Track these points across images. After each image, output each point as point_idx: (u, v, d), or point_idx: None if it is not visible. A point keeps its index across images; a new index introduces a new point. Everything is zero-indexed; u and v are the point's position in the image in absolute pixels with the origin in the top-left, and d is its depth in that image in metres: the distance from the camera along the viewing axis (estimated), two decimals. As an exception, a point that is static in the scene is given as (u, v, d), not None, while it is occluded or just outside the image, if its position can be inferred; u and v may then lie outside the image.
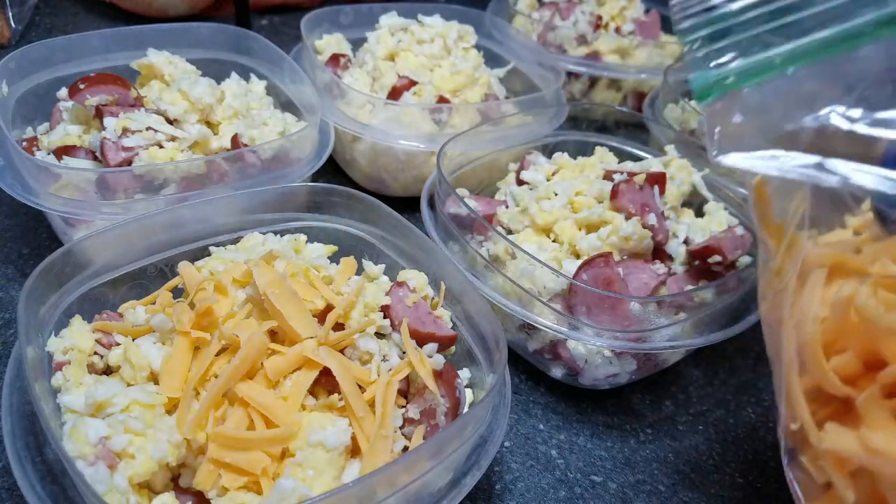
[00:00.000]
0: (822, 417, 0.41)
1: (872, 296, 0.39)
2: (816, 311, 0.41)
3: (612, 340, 0.60)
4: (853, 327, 0.40)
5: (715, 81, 0.45)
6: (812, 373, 0.41)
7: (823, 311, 0.41)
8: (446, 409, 0.50)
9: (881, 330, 0.38)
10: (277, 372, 0.48)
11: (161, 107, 0.71)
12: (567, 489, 0.60)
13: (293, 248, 0.60)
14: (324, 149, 0.77)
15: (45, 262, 0.51)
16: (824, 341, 0.41)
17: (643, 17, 1.16)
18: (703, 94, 0.46)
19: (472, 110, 0.86)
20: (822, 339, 0.41)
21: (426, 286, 0.58)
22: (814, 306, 0.41)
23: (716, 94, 0.45)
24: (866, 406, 0.39)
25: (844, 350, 0.41)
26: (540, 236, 0.70)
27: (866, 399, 0.39)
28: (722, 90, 0.45)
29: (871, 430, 0.38)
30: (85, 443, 0.42)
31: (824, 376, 0.40)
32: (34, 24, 1.14)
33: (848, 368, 0.41)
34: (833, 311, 0.41)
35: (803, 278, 0.43)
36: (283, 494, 0.42)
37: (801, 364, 0.42)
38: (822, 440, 0.40)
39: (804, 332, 0.41)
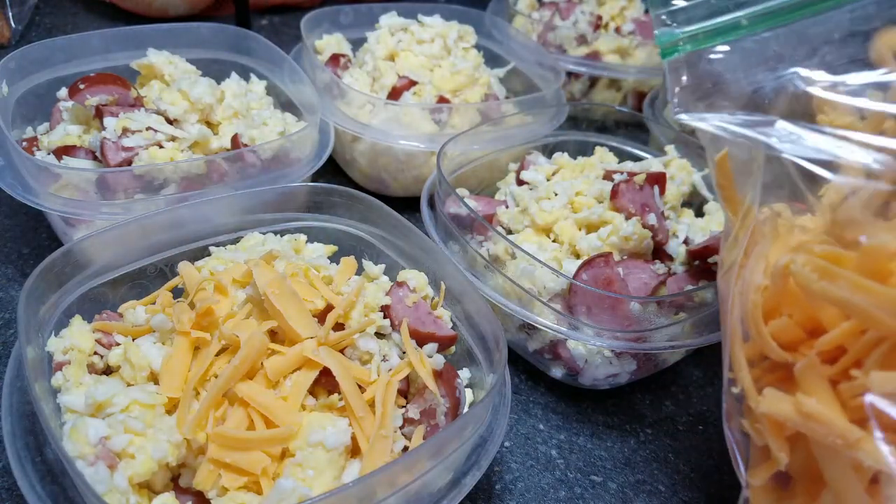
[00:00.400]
0: (765, 384, 0.42)
1: (808, 263, 0.39)
2: (758, 279, 0.42)
3: (612, 340, 0.60)
4: (793, 295, 0.41)
5: (680, 38, 0.46)
6: (754, 339, 0.42)
7: (765, 280, 0.42)
8: (446, 409, 0.50)
9: (815, 296, 0.39)
10: (277, 372, 0.48)
11: (161, 107, 0.71)
12: (567, 489, 0.60)
13: (293, 248, 0.60)
14: (324, 149, 0.77)
15: (45, 262, 0.51)
16: (765, 309, 0.42)
17: (643, 17, 1.16)
18: (669, 50, 0.47)
19: (472, 110, 0.86)
20: (763, 306, 0.42)
21: (426, 286, 0.58)
22: (756, 275, 0.42)
23: (681, 51, 0.46)
24: (803, 373, 0.40)
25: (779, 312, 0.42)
26: (540, 236, 0.70)
27: (804, 366, 0.40)
28: (687, 47, 0.46)
29: (806, 396, 0.39)
30: (85, 443, 0.42)
31: (764, 341, 0.41)
32: (34, 24, 1.14)
33: (787, 334, 0.41)
34: (773, 279, 0.41)
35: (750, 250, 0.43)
36: (283, 494, 0.42)
37: (745, 332, 0.42)
38: (760, 404, 0.41)
39: (747, 301, 0.42)
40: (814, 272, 0.39)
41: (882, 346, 0.37)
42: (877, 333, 0.38)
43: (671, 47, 0.47)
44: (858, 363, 0.39)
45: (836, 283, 0.38)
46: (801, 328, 0.41)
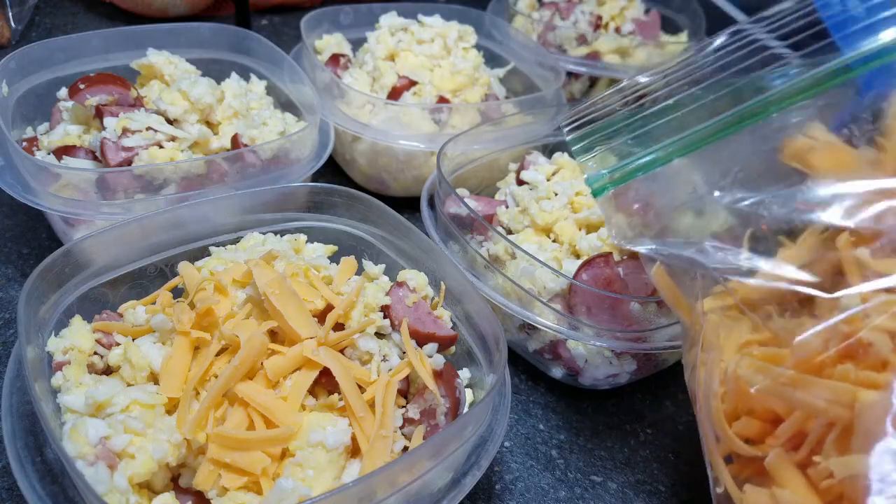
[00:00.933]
0: (745, 477, 0.45)
1: (751, 366, 0.43)
2: (715, 387, 0.46)
3: (612, 340, 0.60)
4: (746, 395, 0.44)
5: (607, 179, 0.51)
6: (723, 440, 0.45)
7: (721, 388, 0.45)
8: (446, 409, 0.50)
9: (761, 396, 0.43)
10: (277, 372, 0.48)
11: (161, 107, 0.71)
12: (567, 489, 0.60)
13: (293, 248, 0.60)
14: (324, 149, 0.77)
15: (45, 262, 0.51)
16: (726, 412, 0.45)
17: (643, 17, 1.16)
18: (598, 191, 0.52)
19: (472, 110, 0.86)
20: (724, 410, 0.45)
21: (426, 286, 0.58)
22: (713, 382, 0.46)
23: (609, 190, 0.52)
24: (773, 466, 0.42)
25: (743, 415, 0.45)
26: (540, 236, 0.70)
27: (772, 460, 0.42)
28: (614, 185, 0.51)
29: (781, 489, 0.42)
30: (85, 443, 0.42)
31: (733, 443, 0.44)
32: (34, 24, 1.14)
33: (751, 430, 0.44)
34: (726, 384, 0.45)
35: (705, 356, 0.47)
36: (282, 494, 0.42)
37: (714, 434, 0.46)
38: (742, 501, 0.43)
39: (710, 407, 0.46)
40: (757, 373, 0.43)
41: (834, 431, 0.40)
42: (825, 419, 0.41)
43: (600, 188, 0.52)
44: (820, 444, 0.41)
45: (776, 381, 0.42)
46: (763, 420, 0.44)
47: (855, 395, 0.39)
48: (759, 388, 0.42)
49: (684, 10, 1.21)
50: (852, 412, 0.39)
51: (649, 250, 0.50)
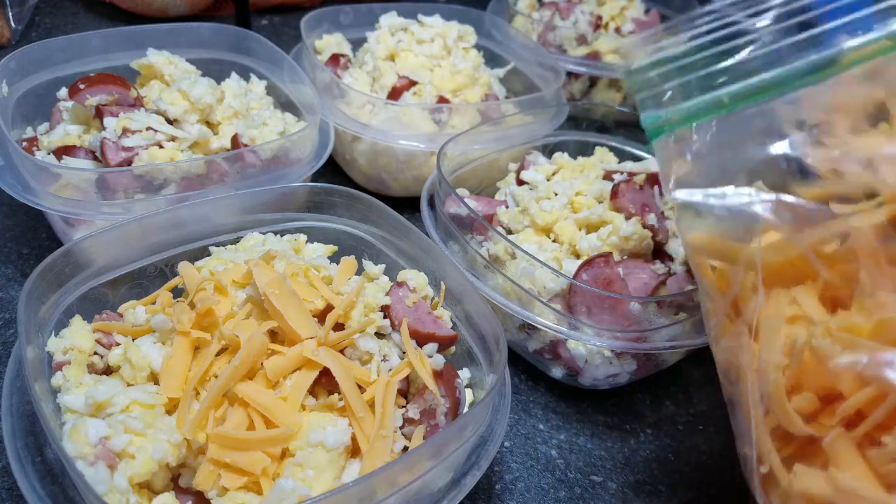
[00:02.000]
0: (787, 455, 0.42)
1: (827, 336, 0.40)
2: (777, 359, 0.42)
3: (612, 340, 0.60)
4: (811, 368, 0.41)
5: (665, 120, 0.46)
6: (776, 415, 0.42)
7: (784, 360, 0.42)
8: (446, 409, 0.50)
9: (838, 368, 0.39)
10: (277, 372, 0.48)
11: (161, 107, 0.71)
12: (567, 489, 0.60)
13: (293, 248, 0.60)
14: (324, 149, 0.77)
15: (45, 262, 0.51)
16: (787, 387, 0.42)
17: (643, 17, 1.16)
18: (655, 132, 0.47)
19: (472, 110, 0.86)
20: (785, 384, 0.42)
21: (426, 286, 0.58)
22: (774, 354, 0.42)
23: (666, 132, 0.46)
24: (834, 446, 0.40)
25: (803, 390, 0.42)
26: (540, 236, 0.70)
27: (833, 440, 0.40)
28: (672, 128, 0.46)
29: (840, 471, 0.39)
30: (85, 443, 0.42)
31: (789, 419, 0.41)
32: (34, 24, 1.14)
33: (808, 407, 0.41)
34: (792, 357, 0.42)
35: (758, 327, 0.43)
36: (282, 494, 0.42)
37: (766, 408, 0.42)
38: (793, 483, 0.41)
39: (768, 381, 0.42)
40: (835, 344, 0.39)
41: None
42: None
43: (657, 129, 0.47)
44: (882, 426, 0.38)
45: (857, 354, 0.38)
46: (817, 397, 0.41)
47: None
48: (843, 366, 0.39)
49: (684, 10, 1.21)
50: None
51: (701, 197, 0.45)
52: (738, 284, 0.45)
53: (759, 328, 0.43)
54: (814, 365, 0.40)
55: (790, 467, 0.41)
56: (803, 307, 0.42)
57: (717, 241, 0.46)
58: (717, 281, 0.47)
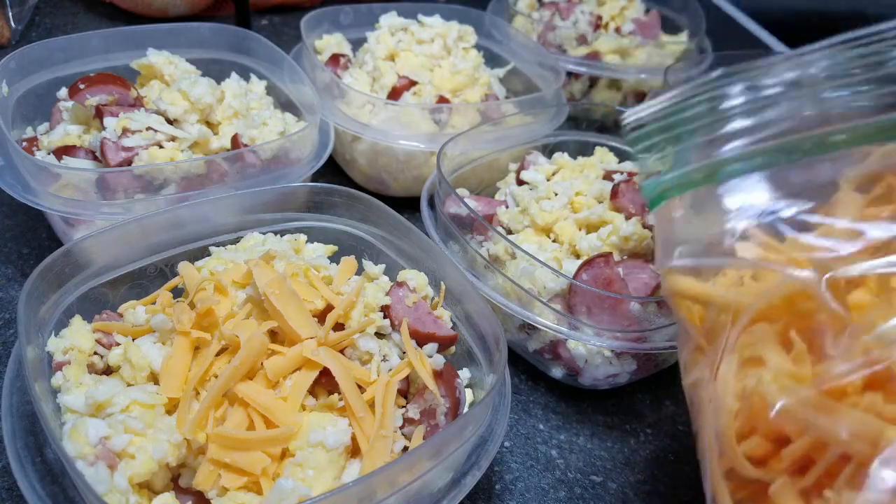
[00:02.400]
0: (743, 497, 0.42)
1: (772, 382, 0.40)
2: (731, 403, 0.42)
3: (612, 340, 0.60)
4: (760, 412, 0.41)
5: (667, 188, 0.46)
6: (728, 457, 0.42)
7: (736, 404, 0.42)
8: (446, 409, 0.50)
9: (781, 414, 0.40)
10: (277, 372, 0.48)
11: (161, 107, 0.71)
12: (567, 489, 0.60)
13: (293, 248, 0.60)
14: (324, 149, 0.77)
15: (45, 262, 0.51)
16: (738, 430, 0.42)
17: (643, 17, 1.16)
18: (656, 199, 0.46)
19: (472, 110, 0.86)
20: (736, 427, 0.42)
21: (426, 286, 0.58)
22: (727, 397, 0.43)
23: (667, 199, 0.46)
24: (779, 494, 0.40)
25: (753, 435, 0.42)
26: (540, 236, 0.70)
27: (779, 488, 0.40)
28: (673, 195, 0.46)
29: None
30: (85, 443, 0.42)
31: (739, 462, 0.42)
32: (34, 24, 1.14)
33: (758, 451, 0.42)
34: (742, 401, 0.42)
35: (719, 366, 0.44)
36: (282, 494, 0.42)
37: (720, 449, 0.43)
38: None
39: (720, 422, 0.43)
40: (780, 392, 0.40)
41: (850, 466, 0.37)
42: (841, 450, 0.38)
43: (658, 196, 0.46)
44: (829, 474, 0.39)
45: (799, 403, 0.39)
46: (768, 440, 0.42)
47: (882, 432, 0.37)
48: (781, 410, 0.39)
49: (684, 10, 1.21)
50: (875, 449, 0.36)
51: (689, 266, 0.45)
52: (711, 321, 0.46)
53: (719, 368, 0.44)
54: (762, 409, 0.41)
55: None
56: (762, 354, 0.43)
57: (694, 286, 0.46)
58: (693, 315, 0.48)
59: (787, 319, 0.43)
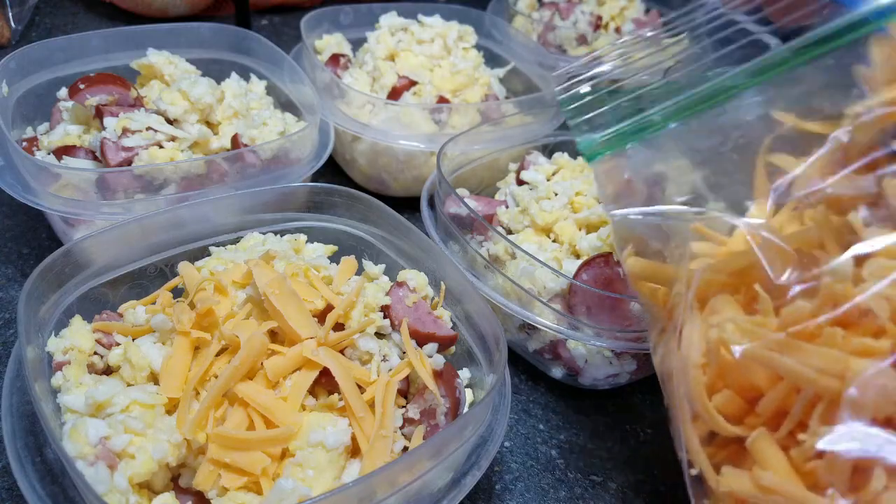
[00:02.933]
0: (721, 460, 0.43)
1: (736, 330, 0.41)
2: (696, 357, 0.43)
3: (612, 340, 0.60)
4: (728, 366, 0.42)
5: (600, 143, 0.49)
6: (702, 416, 0.43)
7: (701, 358, 0.43)
8: (446, 409, 0.50)
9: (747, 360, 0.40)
10: (277, 372, 0.48)
11: (161, 107, 0.71)
12: (567, 489, 0.60)
13: (293, 248, 0.60)
14: (324, 149, 0.77)
15: (45, 262, 0.51)
16: (707, 384, 0.43)
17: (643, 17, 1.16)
18: (591, 155, 0.49)
19: (472, 110, 0.86)
20: (705, 382, 0.43)
21: (426, 286, 0.58)
22: (693, 352, 0.43)
23: (602, 155, 0.49)
24: (756, 445, 0.40)
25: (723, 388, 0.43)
26: (540, 236, 0.70)
27: (756, 439, 0.40)
28: (608, 150, 0.49)
29: (763, 470, 0.39)
30: (85, 443, 0.42)
31: (712, 418, 0.42)
32: (34, 24, 1.14)
33: (731, 407, 0.42)
34: (709, 354, 0.43)
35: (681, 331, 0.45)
36: (282, 494, 0.42)
37: (692, 410, 0.43)
38: (720, 484, 0.41)
39: (688, 378, 0.43)
40: (742, 336, 0.40)
41: (820, 404, 0.38)
42: (811, 391, 0.38)
43: (593, 153, 0.49)
44: (802, 424, 0.39)
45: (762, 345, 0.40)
46: (742, 397, 0.42)
47: (847, 364, 0.37)
48: (744, 353, 0.40)
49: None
50: (842, 383, 0.37)
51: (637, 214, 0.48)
52: (672, 298, 0.47)
53: (683, 329, 0.44)
54: (730, 361, 0.41)
55: (718, 469, 0.42)
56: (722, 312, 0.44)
57: (652, 267, 0.49)
58: (656, 296, 0.49)
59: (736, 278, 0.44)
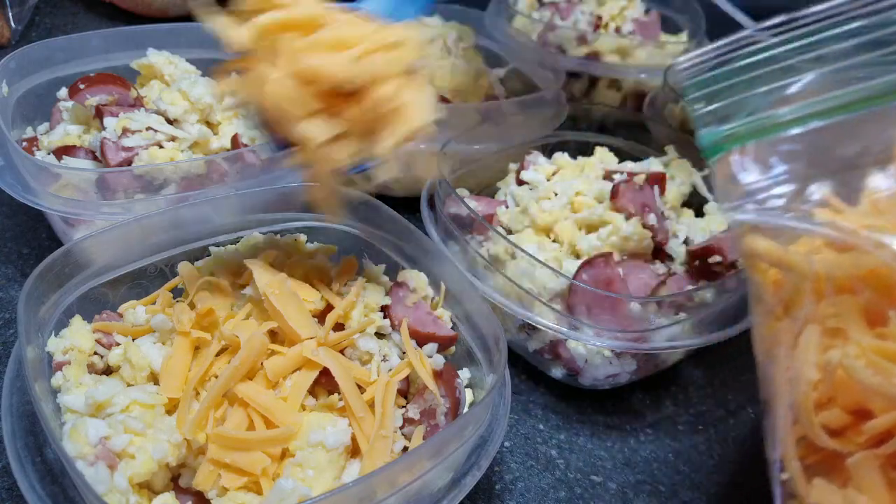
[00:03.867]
0: (810, 464, 0.42)
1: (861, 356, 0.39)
2: (810, 373, 0.42)
3: (612, 340, 0.60)
4: (843, 384, 0.41)
5: (724, 138, 0.45)
6: (805, 428, 0.42)
7: (816, 375, 0.42)
8: (446, 409, 0.50)
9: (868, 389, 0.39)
10: (277, 372, 0.48)
11: (161, 107, 0.71)
12: (567, 489, 0.60)
13: (293, 248, 0.60)
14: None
15: (45, 262, 0.51)
16: (816, 400, 0.42)
17: (643, 17, 1.16)
18: (713, 150, 0.46)
19: (472, 110, 0.86)
20: (815, 398, 0.42)
21: (426, 286, 0.58)
22: (807, 368, 0.42)
23: (724, 150, 0.45)
24: (858, 467, 0.39)
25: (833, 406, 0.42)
26: (540, 236, 0.70)
27: (859, 460, 0.39)
28: (730, 146, 0.45)
29: (858, 493, 0.39)
30: (85, 443, 0.42)
31: (815, 433, 0.41)
32: (34, 24, 1.14)
33: (836, 422, 0.41)
34: (826, 373, 0.42)
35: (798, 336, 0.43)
36: (282, 494, 0.42)
37: (794, 418, 0.42)
38: (809, 494, 0.41)
39: (798, 392, 0.42)
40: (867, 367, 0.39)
41: None
42: None
43: (715, 147, 0.46)
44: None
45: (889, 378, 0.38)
46: (848, 414, 0.41)
47: None
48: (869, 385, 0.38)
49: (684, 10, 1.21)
50: None
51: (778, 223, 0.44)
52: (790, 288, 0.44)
53: (800, 337, 0.43)
54: (846, 381, 0.40)
55: (811, 479, 0.41)
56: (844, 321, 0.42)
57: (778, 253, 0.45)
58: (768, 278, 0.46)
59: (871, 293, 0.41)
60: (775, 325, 0.45)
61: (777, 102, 0.44)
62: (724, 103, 0.46)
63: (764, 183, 0.45)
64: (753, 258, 0.46)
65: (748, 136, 0.45)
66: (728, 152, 0.45)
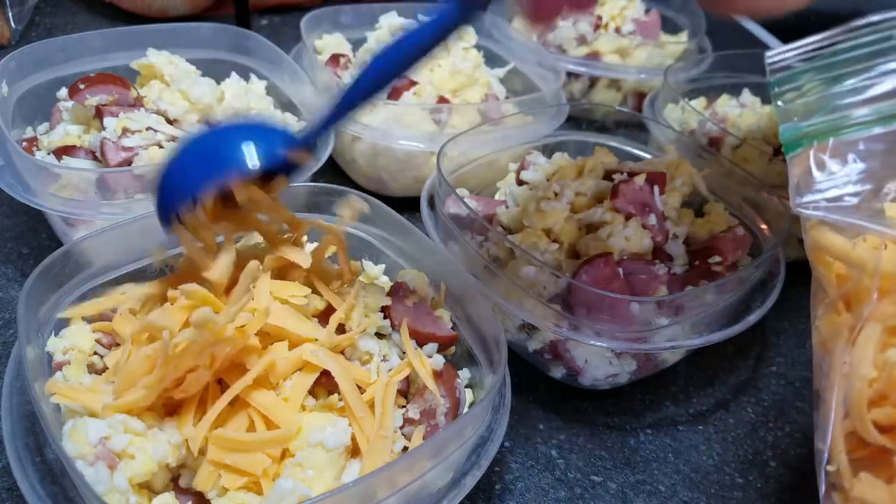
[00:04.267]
0: (859, 457, 0.42)
1: None
2: (867, 371, 0.42)
3: (612, 340, 0.60)
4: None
5: (804, 133, 0.45)
6: (853, 421, 0.42)
7: (873, 372, 0.42)
8: (446, 410, 0.50)
9: None
10: (278, 374, 0.48)
11: (161, 107, 0.71)
12: (567, 489, 0.60)
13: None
14: (324, 149, 0.77)
15: (45, 262, 0.51)
16: (870, 397, 0.42)
17: (643, 17, 1.16)
18: (792, 145, 0.45)
19: (472, 110, 0.86)
20: (869, 396, 0.42)
21: (426, 286, 0.58)
22: (864, 365, 0.42)
23: (803, 146, 0.45)
24: None
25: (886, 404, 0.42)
26: (540, 236, 0.70)
27: None
28: (810, 142, 0.44)
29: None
30: (85, 443, 0.42)
31: (865, 428, 0.42)
32: (34, 24, 1.14)
33: (887, 419, 0.42)
34: (883, 371, 0.42)
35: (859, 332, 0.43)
36: (282, 495, 0.42)
37: (846, 412, 0.43)
38: (854, 488, 0.41)
39: (853, 388, 0.42)
40: None
41: None
42: None
43: (795, 142, 0.45)
44: None
45: None
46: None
47: None
48: None
49: (684, 10, 1.21)
50: None
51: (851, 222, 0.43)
52: (853, 284, 0.44)
53: (860, 334, 0.43)
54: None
55: (857, 472, 0.42)
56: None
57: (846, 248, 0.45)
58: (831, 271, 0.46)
59: None
60: (835, 319, 0.45)
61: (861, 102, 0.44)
62: (807, 99, 0.46)
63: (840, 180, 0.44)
64: (819, 251, 0.46)
65: (828, 133, 0.44)
66: (807, 148, 0.45)
